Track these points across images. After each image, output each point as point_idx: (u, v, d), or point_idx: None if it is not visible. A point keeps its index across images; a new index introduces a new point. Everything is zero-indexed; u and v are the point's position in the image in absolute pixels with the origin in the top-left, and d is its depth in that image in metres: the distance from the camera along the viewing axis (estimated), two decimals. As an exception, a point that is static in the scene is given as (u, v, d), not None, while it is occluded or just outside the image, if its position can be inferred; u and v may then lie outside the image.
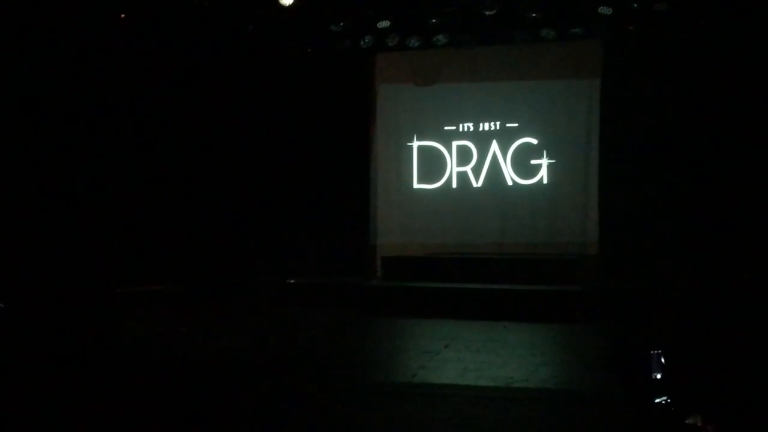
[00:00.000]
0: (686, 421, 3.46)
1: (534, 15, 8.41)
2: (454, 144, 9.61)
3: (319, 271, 9.29)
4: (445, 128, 9.62)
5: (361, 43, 9.21)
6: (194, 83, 9.50)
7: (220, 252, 9.49)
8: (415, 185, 9.75)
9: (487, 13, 8.35)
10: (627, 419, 4.08)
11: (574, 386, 4.96)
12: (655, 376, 4.10)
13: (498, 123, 9.46)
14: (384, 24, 8.89)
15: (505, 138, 9.41)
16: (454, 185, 9.62)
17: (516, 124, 9.38)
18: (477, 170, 9.53)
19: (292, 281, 8.87)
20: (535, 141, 9.30)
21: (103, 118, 8.24)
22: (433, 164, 9.66)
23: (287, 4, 8.28)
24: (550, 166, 9.27)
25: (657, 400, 3.74)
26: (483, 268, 8.68)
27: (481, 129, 9.52)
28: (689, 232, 8.15)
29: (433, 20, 8.67)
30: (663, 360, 4.10)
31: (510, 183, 9.42)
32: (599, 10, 8.28)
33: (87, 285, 5.86)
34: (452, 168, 9.62)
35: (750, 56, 8.14)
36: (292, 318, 7.81)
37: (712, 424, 3.36)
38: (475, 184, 9.55)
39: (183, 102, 9.49)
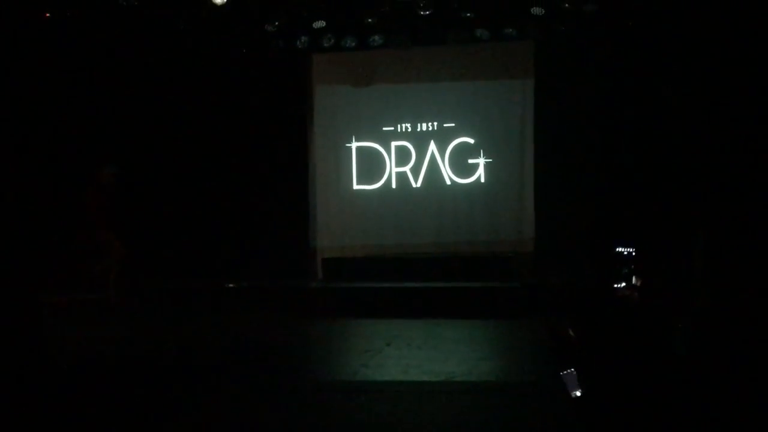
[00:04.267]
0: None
1: (468, 15, 8.50)
2: (393, 144, 9.64)
3: (259, 274, 9.15)
4: (384, 129, 9.64)
5: (297, 43, 9.13)
6: (125, 84, 9.24)
7: (156, 256, 9.24)
8: (355, 186, 9.73)
9: (421, 13, 8.40)
10: (566, 408, 4.16)
11: (513, 378, 5.03)
12: (575, 394, 4.13)
13: (435, 123, 9.54)
14: (319, 24, 8.83)
15: (442, 138, 9.50)
16: (394, 185, 9.66)
17: (453, 124, 9.49)
18: (416, 170, 9.59)
19: (231, 285, 8.70)
20: (471, 140, 9.42)
21: (22, 124, 7.95)
22: (372, 165, 9.67)
23: (220, 3, 8.14)
24: (486, 165, 9.40)
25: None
26: (422, 267, 8.74)
27: (419, 129, 9.58)
28: (622, 229, 8.38)
29: (369, 20, 8.67)
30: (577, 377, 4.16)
31: (448, 182, 9.51)
32: (532, 11, 8.43)
33: (10, 294, 5.62)
34: (391, 168, 9.65)
35: (677, 53, 8.45)
36: (232, 322, 7.68)
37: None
38: (414, 185, 9.60)
39: (113, 103, 9.22)
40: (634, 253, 4.53)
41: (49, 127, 8.83)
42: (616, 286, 4.31)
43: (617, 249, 4.83)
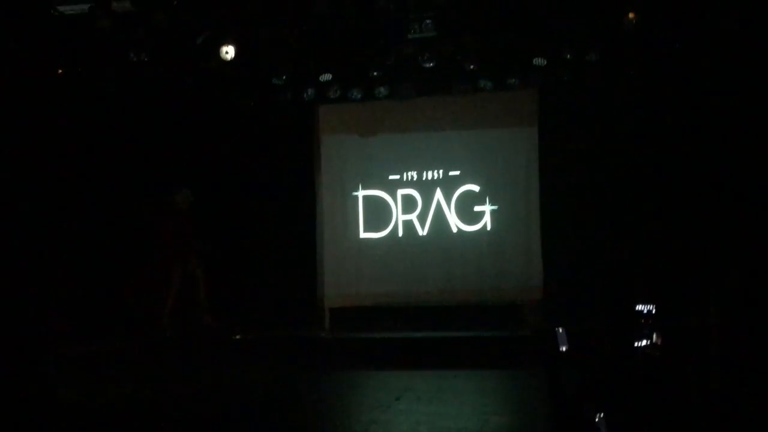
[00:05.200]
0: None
1: (471, 67, 8.65)
2: (399, 192, 9.71)
3: (266, 325, 9.12)
4: (390, 177, 9.73)
5: (304, 95, 9.28)
6: (135, 138, 9.37)
7: (161, 306, 9.20)
8: (362, 234, 9.77)
9: (425, 65, 8.55)
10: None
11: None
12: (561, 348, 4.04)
13: (441, 171, 9.62)
14: (326, 77, 8.99)
15: (448, 186, 9.57)
16: (400, 233, 9.69)
17: (458, 172, 9.56)
18: (422, 218, 9.63)
19: (238, 337, 8.66)
20: (477, 188, 9.48)
21: (38, 176, 8.05)
22: (378, 213, 9.72)
23: (228, 59, 8.30)
24: (492, 212, 9.45)
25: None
26: (431, 316, 8.69)
27: (424, 178, 9.67)
28: (633, 278, 8.34)
29: (374, 73, 8.82)
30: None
31: (455, 230, 9.54)
32: (534, 61, 8.57)
33: (24, 346, 5.63)
34: (398, 216, 9.70)
35: (679, 101, 8.59)
36: (238, 374, 7.63)
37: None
38: (420, 232, 9.63)
39: (123, 157, 9.34)
40: (653, 311, 4.45)
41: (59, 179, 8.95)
42: (637, 344, 4.26)
43: (637, 307, 4.74)
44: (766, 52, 7.70)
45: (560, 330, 4.07)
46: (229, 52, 8.18)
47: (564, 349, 4.02)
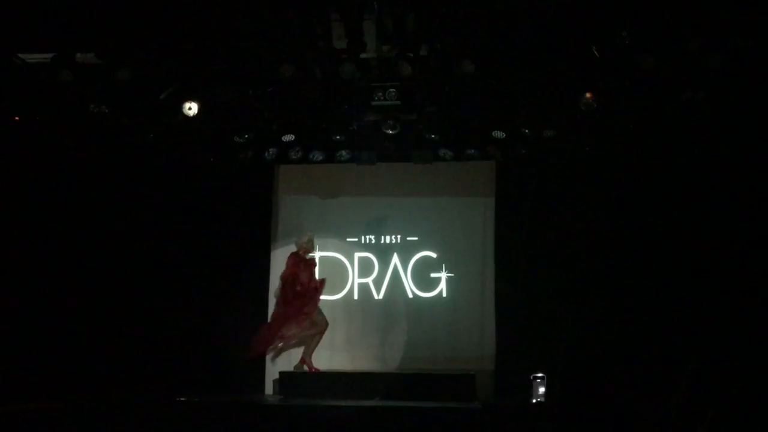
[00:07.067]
0: None
1: (432, 136, 8.81)
2: (356, 255, 9.67)
3: (212, 387, 8.84)
4: (348, 240, 9.70)
5: (265, 155, 9.27)
6: (93, 193, 9.20)
7: (106, 367, 8.89)
8: (317, 296, 9.63)
9: (388, 132, 8.66)
10: None
11: None
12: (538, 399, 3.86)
13: (399, 236, 9.65)
14: (288, 138, 9.02)
15: (405, 251, 9.58)
16: (356, 296, 9.60)
17: (416, 238, 9.60)
18: (378, 282, 9.58)
19: (183, 399, 8.36)
20: (434, 255, 9.52)
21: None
22: (335, 275, 9.62)
23: (191, 115, 8.26)
24: (448, 279, 9.46)
25: None
26: (383, 383, 8.54)
27: (382, 242, 9.67)
28: (584, 345, 8.42)
29: (337, 137, 8.89)
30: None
31: (410, 295, 9.51)
32: (493, 134, 8.78)
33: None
34: (354, 279, 9.63)
35: (631, 179, 8.87)
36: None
37: None
38: (376, 296, 9.57)
39: (78, 211, 9.14)
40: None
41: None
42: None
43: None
44: (721, 131, 8.03)
45: (539, 377, 3.82)
46: (192, 108, 8.14)
47: (537, 401, 3.73)
